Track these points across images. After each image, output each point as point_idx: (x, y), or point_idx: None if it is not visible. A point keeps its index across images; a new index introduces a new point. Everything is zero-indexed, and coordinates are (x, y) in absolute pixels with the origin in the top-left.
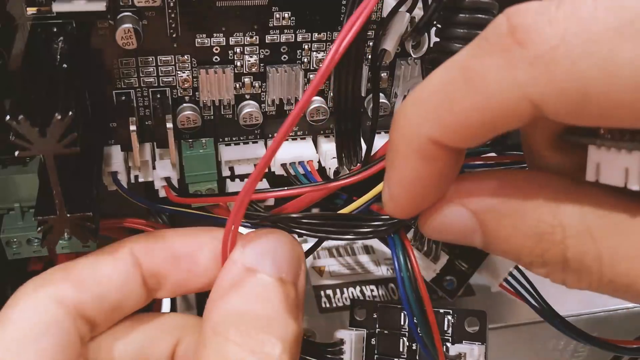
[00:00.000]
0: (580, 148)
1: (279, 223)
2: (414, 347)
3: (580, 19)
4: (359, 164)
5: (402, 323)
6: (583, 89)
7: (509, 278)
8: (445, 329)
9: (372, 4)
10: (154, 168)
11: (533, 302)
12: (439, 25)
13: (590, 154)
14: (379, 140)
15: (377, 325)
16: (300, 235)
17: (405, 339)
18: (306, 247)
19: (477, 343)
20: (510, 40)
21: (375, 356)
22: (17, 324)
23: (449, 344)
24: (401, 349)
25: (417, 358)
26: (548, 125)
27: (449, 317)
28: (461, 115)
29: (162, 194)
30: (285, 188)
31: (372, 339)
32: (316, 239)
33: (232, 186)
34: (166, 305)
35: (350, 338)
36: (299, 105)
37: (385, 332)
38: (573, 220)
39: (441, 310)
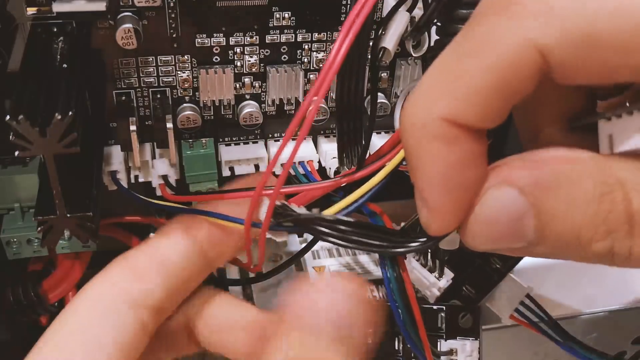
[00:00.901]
0: (589, 132)
1: (308, 225)
2: (409, 346)
3: None
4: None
5: (396, 321)
6: (590, 29)
7: (520, 307)
8: (439, 325)
9: (370, 2)
10: (152, 167)
11: (548, 330)
12: (439, 24)
13: (601, 129)
14: (378, 140)
15: None
16: (325, 240)
17: (400, 337)
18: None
19: (470, 339)
20: (507, 1)
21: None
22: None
23: (441, 340)
24: (397, 347)
25: (413, 356)
26: (556, 106)
27: (442, 313)
28: (471, 82)
29: (158, 192)
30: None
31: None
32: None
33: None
34: None
35: None
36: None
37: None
38: (628, 173)
39: (434, 307)
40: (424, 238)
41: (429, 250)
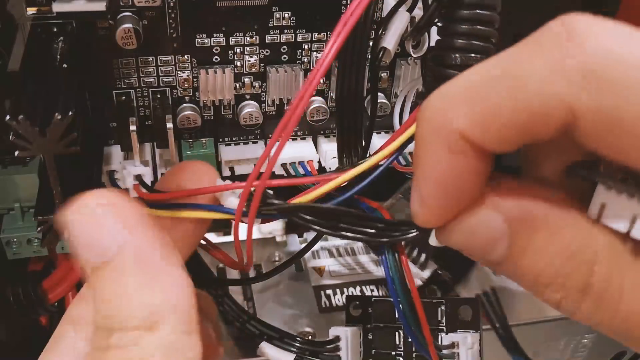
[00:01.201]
0: (584, 182)
1: (293, 212)
2: (410, 340)
3: (636, 47)
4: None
5: (397, 316)
6: (621, 114)
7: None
8: (439, 319)
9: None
10: (124, 168)
11: (499, 333)
12: (439, 24)
13: (598, 192)
14: (378, 140)
15: (372, 320)
16: (311, 228)
17: (401, 331)
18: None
19: (471, 331)
20: (563, 44)
21: (373, 350)
22: None
23: (442, 334)
24: (397, 342)
25: (414, 350)
26: (566, 152)
27: (442, 307)
28: (495, 110)
29: (133, 194)
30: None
31: (369, 334)
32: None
33: None
34: None
35: (345, 335)
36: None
37: (381, 326)
38: (604, 244)
39: (434, 300)
40: (413, 229)
41: (417, 247)
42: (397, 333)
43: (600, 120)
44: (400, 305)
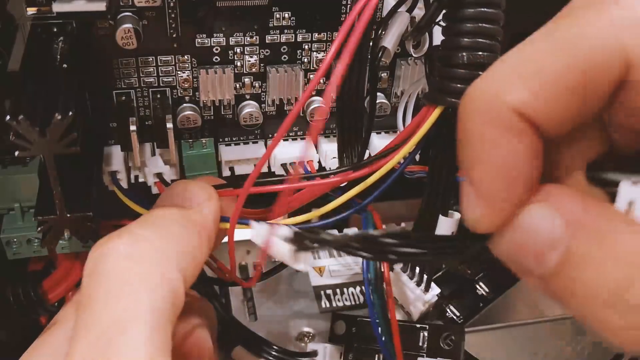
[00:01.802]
0: (604, 182)
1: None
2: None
3: None
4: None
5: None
6: None
7: None
8: (420, 344)
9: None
10: (147, 165)
11: None
12: (442, 24)
13: (623, 190)
14: (378, 140)
15: (354, 340)
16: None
17: (381, 355)
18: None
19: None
20: (610, 1)
21: None
22: None
23: (421, 359)
24: None
25: None
26: (585, 151)
27: (425, 332)
28: (552, 80)
29: (154, 190)
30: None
31: (350, 354)
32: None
33: None
34: None
35: (324, 351)
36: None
37: (362, 346)
38: None
39: (417, 325)
40: (475, 241)
41: (417, 265)
42: (377, 356)
43: None
44: (377, 324)
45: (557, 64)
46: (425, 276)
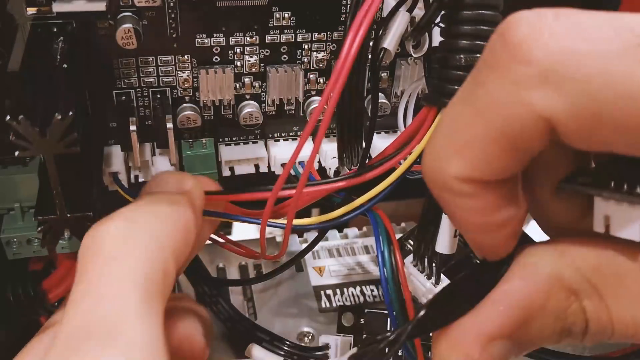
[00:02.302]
0: (582, 197)
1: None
2: (399, 353)
3: (585, 36)
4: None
5: (387, 328)
6: (597, 109)
7: None
8: (431, 334)
9: (377, 2)
10: (152, 164)
11: None
12: (441, 25)
13: (598, 206)
14: (379, 141)
15: (363, 331)
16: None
17: None
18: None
19: None
20: (510, 60)
21: None
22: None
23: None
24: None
25: None
26: (554, 168)
27: None
28: (480, 149)
29: None
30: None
31: (359, 345)
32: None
33: None
34: None
35: (335, 343)
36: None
37: (371, 338)
38: (579, 281)
39: None
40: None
41: (426, 257)
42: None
43: (575, 119)
44: (394, 312)
45: (479, 134)
46: (434, 269)
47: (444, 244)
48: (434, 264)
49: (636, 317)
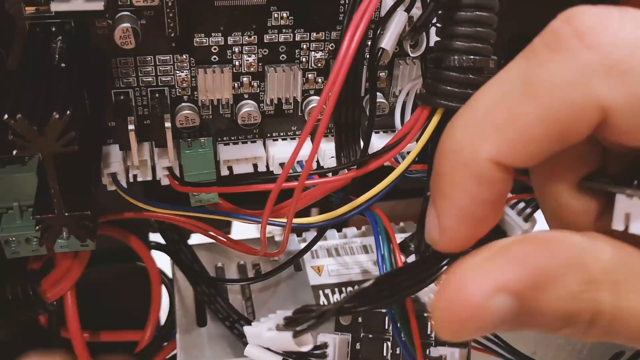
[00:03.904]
0: (602, 195)
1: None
2: (397, 352)
3: None
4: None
5: (386, 327)
6: None
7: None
8: (429, 332)
9: (374, 2)
10: (153, 162)
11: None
12: (438, 25)
13: (619, 203)
14: (377, 140)
15: (361, 330)
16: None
17: (389, 343)
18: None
19: (459, 348)
20: (577, 44)
21: None
22: None
23: (431, 347)
24: (385, 354)
25: None
26: (580, 164)
27: (433, 321)
28: (527, 129)
29: (164, 182)
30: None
31: (357, 344)
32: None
33: None
34: None
35: (334, 342)
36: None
37: (370, 336)
38: (601, 273)
39: (425, 314)
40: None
41: (421, 251)
42: (385, 344)
43: (632, 111)
44: (392, 311)
45: (529, 114)
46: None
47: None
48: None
49: None
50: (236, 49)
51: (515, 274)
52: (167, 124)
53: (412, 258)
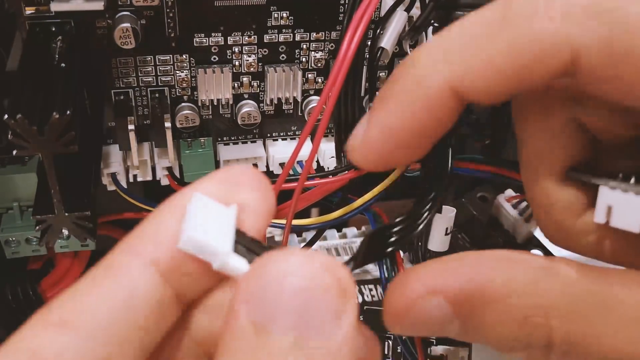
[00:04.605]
0: (589, 189)
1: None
2: (398, 350)
3: None
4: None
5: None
6: (629, 43)
7: None
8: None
9: (374, 2)
10: (153, 162)
11: None
12: (436, 24)
13: (602, 195)
14: None
15: None
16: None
17: (390, 342)
18: (302, 245)
19: (461, 346)
20: None
21: None
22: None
23: (432, 346)
24: (386, 352)
25: None
26: (557, 157)
27: None
28: (491, 60)
29: (164, 182)
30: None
31: None
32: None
33: None
34: None
35: None
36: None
37: None
38: (557, 296)
39: None
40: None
41: (420, 253)
42: (386, 343)
43: (605, 54)
44: None
45: (496, 45)
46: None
47: (436, 242)
48: (428, 256)
49: (616, 346)
50: (236, 49)
51: (450, 282)
52: (167, 124)
53: (411, 257)
